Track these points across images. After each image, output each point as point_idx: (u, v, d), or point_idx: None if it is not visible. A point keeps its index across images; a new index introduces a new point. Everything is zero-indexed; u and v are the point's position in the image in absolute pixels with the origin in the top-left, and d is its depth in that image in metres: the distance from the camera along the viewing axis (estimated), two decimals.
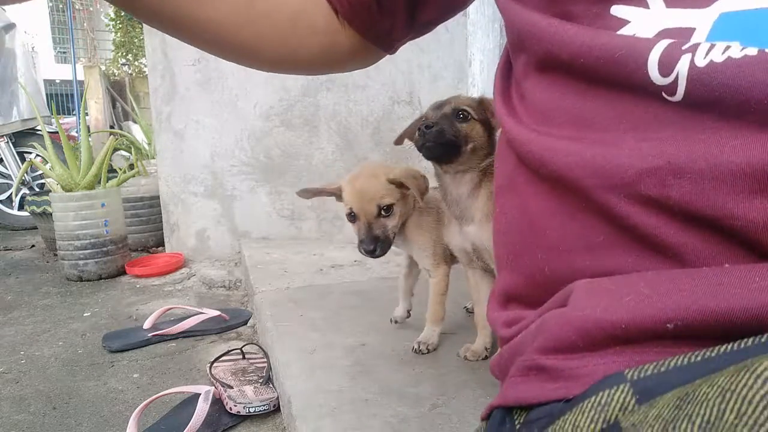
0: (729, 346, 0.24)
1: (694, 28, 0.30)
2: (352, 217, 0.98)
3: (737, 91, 0.27)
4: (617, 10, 0.33)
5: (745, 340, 0.24)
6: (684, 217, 0.29)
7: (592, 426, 0.25)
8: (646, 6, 0.32)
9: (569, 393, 0.29)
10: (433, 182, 0.99)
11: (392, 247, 1.01)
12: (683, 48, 0.29)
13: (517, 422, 0.33)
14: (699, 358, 0.25)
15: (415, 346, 1.03)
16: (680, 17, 0.31)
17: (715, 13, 0.30)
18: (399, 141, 1.01)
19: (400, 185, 0.97)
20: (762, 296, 0.24)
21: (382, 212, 0.96)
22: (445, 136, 0.83)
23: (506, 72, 0.44)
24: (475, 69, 2.14)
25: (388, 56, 0.58)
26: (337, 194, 1.01)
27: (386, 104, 2.17)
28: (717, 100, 0.28)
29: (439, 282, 1.04)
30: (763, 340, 0.23)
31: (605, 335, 0.29)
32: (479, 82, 2.10)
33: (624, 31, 0.33)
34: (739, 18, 0.29)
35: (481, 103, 0.87)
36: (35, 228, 2.90)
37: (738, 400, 0.19)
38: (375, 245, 0.95)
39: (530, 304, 0.39)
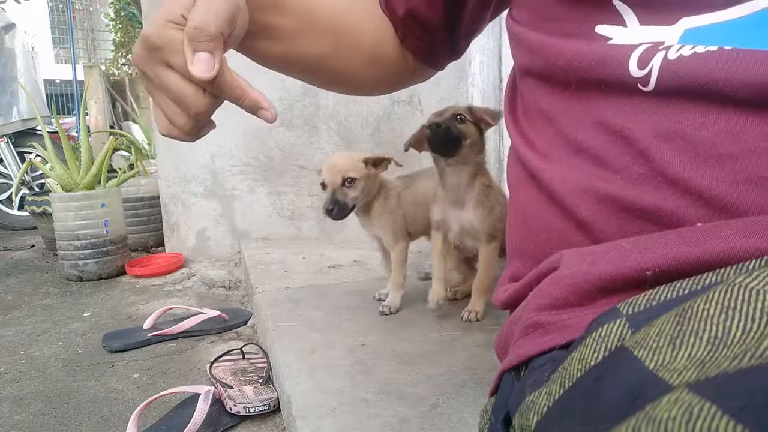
0: (711, 277, 0.27)
1: (664, 42, 0.36)
2: (323, 186, 1.18)
3: (699, 76, 0.33)
4: (601, 29, 0.39)
5: (725, 269, 0.27)
6: (664, 186, 0.34)
7: (596, 355, 0.28)
8: (624, 25, 0.38)
9: (562, 341, 0.33)
10: (393, 172, 1.25)
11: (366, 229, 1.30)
12: (660, 48, 0.35)
13: (523, 375, 0.36)
14: (686, 291, 0.27)
15: (382, 310, 1.23)
16: (652, 33, 0.37)
17: (680, 29, 0.36)
18: (407, 148, 1.16)
19: (375, 162, 1.19)
20: (729, 241, 0.28)
21: (346, 183, 1.16)
22: (452, 133, 1.05)
23: (513, 92, 0.52)
24: (475, 69, 2.13)
25: None
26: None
27: (386, 104, 2.17)
28: (684, 86, 0.33)
29: (398, 254, 1.27)
30: (744, 265, 0.26)
31: (592, 287, 0.33)
32: (479, 81, 2.10)
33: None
34: (700, 31, 0.35)
35: (470, 109, 1.09)
36: (35, 228, 2.90)
37: (741, 318, 0.21)
38: (333, 207, 1.14)
39: None
